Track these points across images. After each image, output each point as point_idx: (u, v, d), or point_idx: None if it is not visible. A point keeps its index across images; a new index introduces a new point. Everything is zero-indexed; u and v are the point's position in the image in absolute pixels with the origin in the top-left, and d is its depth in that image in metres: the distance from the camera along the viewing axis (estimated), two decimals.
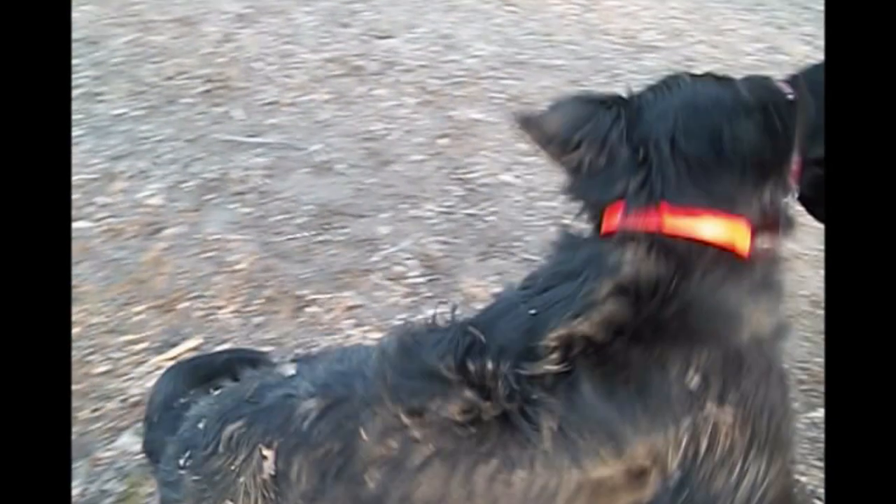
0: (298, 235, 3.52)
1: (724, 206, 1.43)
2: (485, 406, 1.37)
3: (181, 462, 1.55)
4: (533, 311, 1.44)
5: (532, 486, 1.36)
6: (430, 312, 1.62)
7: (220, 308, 3.12)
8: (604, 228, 1.50)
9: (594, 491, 1.37)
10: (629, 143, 1.49)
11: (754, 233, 1.46)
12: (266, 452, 1.46)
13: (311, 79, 4.84)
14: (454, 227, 3.60)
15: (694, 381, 1.35)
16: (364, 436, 1.40)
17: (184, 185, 3.81)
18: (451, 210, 3.71)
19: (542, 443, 1.35)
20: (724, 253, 1.41)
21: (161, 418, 1.76)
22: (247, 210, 3.67)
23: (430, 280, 3.29)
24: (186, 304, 3.13)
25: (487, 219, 3.67)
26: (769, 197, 1.47)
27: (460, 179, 3.93)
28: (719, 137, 1.46)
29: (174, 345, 2.92)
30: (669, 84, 1.58)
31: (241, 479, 1.47)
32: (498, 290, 1.72)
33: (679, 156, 1.46)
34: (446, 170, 4.00)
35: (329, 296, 3.17)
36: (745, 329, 1.39)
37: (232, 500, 1.47)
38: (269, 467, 1.45)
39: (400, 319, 3.08)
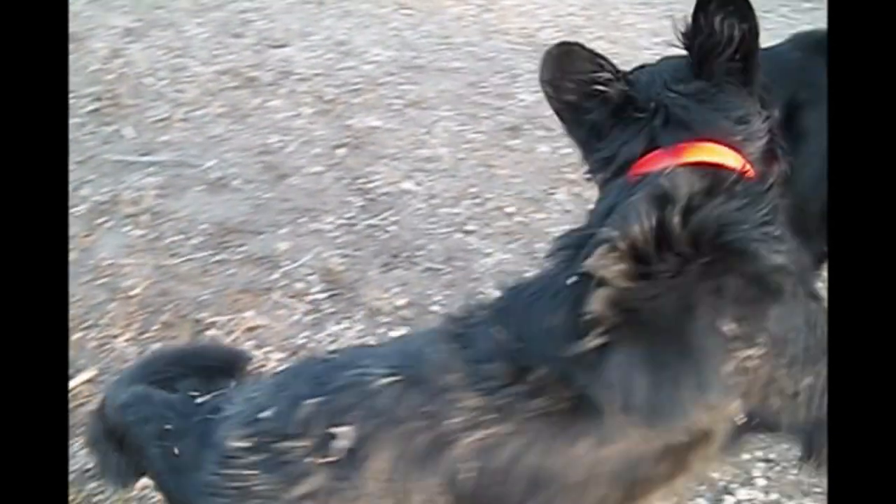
0: (195, 256, 3.44)
1: (727, 134, 1.61)
2: (553, 387, 1.44)
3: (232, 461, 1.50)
4: (572, 280, 1.50)
5: (612, 457, 1.46)
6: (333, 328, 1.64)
7: (115, 336, 3.04)
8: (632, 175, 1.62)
9: (673, 454, 1.49)
10: (635, 104, 1.67)
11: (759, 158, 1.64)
12: (338, 431, 1.46)
13: (203, 93, 4.75)
14: (355, 238, 3.57)
15: (725, 326, 1.43)
16: (449, 415, 1.44)
17: (74, 210, 3.70)
18: (352, 221, 3.67)
19: (612, 418, 1.43)
20: (740, 176, 1.55)
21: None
22: (140, 232, 3.58)
23: (333, 295, 3.25)
24: (80, 334, 3.04)
25: (389, 229, 3.64)
26: (761, 122, 1.66)
27: (360, 189, 3.90)
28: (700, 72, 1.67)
29: (69, 378, 2.83)
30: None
31: (311, 460, 1.45)
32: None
33: (682, 98, 1.65)
34: (345, 180, 3.96)
35: (228, 317, 3.11)
36: (764, 250, 1.49)
37: (297, 483, 1.45)
38: (342, 446, 1.45)
39: (303, 338, 3.05)
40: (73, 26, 5.59)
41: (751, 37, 1.65)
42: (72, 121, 4.43)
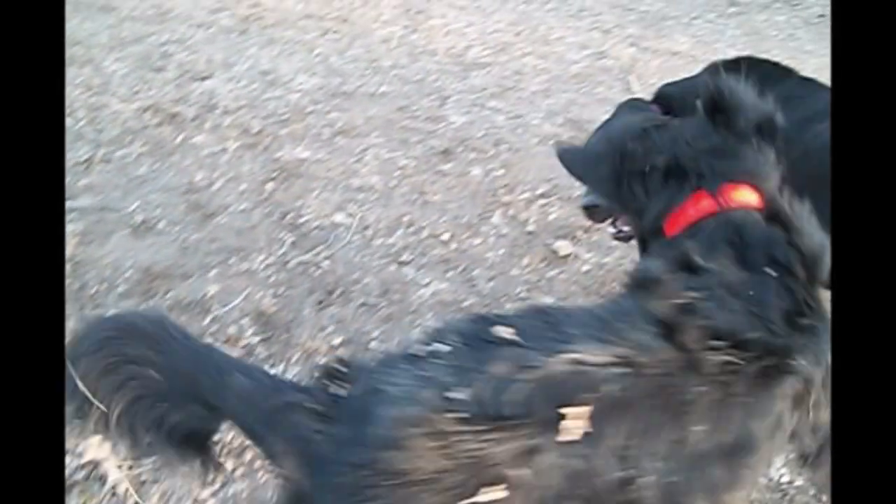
0: (121, 305, 3.33)
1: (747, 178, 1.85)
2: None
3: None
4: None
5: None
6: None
7: None
8: (670, 229, 1.86)
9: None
10: (660, 168, 1.91)
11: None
12: (570, 411, 1.42)
13: (125, 131, 4.62)
14: (287, 277, 3.49)
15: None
16: (681, 390, 1.50)
17: None
18: (284, 259, 3.59)
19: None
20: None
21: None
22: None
23: (266, 338, 3.17)
24: None
25: (322, 264, 3.57)
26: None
27: (291, 225, 3.82)
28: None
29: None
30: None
31: (536, 442, 1.40)
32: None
33: (704, 151, 1.88)
34: (275, 216, 3.88)
35: None
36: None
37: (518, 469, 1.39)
38: (577, 427, 1.42)
39: None
40: None
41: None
42: None
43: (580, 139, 4.63)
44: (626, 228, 2.82)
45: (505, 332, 1.55)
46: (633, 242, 2.27)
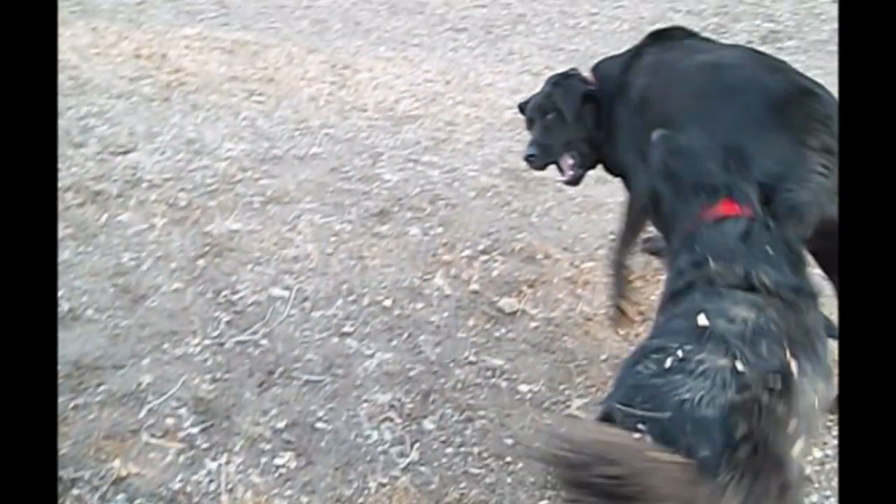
0: None
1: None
2: None
3: None
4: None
5: None
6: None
7: None
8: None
9: None
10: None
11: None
12: None
13: None
14: (225, 359, 3.40)
15: None
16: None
17: None
18: (220, 340, 3.50)
19: None
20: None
21: None
22: None
23: (207, 427, 3.06)
24: None
25: (261, 343, 3.48)
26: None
27: (226, 302, 3.73)
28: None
29: None
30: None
31: None
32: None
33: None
34: (208, 294, 3.79)
35: (92, 471, 2.89)
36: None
37: None
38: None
39: (179, 481, 2.85)
40: None
41: None
42: None
43: (517, 189, 4.62)
44: (571, 171, 3.59)
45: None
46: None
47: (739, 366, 1.84)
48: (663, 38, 3.34)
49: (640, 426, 1.75)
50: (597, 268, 3.86)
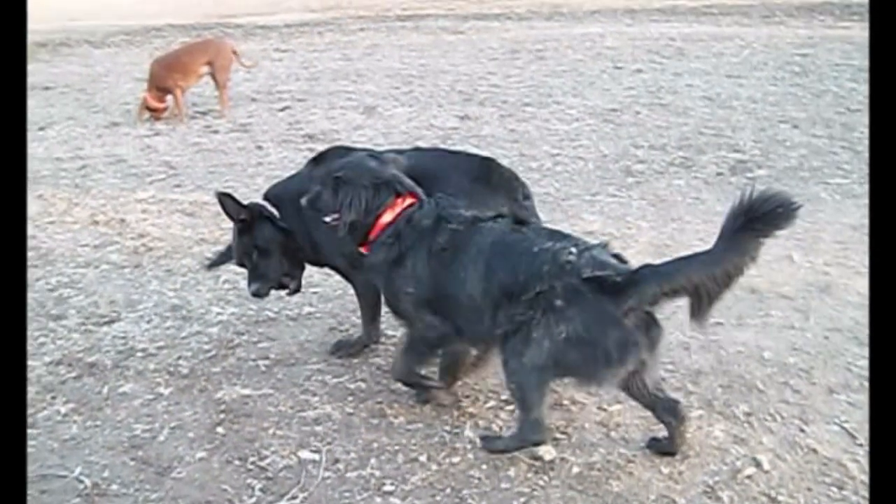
0: None
1: None
2: None
3: None
4: None
5: None
6: None
7: None
8: None
9: None
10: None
11: None
12: None
13: (42, 390, 4.56)
14: None
15: None
16: None
17: None
18: None
19: None
20: None
21: None
22: None
23: None
24: None
25: None
26: None
27: (256, 469, 3.83)
28: None
29: None
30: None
31: None
32: None
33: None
34: (236, 462, 3.88)
35: None
36: None
37: None
38: None
39: None
40: None
41: None
42: None
43: None
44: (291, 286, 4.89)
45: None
46: None
47: None
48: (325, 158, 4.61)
49: None
50: (625, 410, 4.07)
